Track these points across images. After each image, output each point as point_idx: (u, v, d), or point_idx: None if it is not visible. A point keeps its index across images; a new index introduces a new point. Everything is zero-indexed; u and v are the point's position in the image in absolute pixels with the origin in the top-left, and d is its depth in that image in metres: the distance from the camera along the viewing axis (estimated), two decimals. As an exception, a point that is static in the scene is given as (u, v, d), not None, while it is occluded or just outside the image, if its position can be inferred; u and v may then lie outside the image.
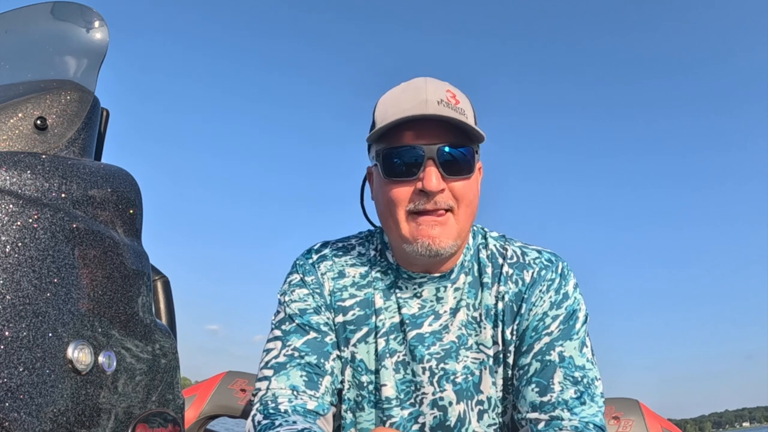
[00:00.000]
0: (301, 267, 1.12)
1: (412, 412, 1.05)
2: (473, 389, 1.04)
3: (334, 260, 1.12)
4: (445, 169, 0.95)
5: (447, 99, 0.96)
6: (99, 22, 1.08)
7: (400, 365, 1.06)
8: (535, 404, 0.97)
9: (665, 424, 1.70)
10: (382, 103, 1.02)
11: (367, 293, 1.08)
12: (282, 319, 1.06)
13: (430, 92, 0.96)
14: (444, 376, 1.04)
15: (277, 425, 0.89)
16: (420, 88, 0.98)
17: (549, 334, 1.01)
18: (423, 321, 1.05)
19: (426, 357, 1.04)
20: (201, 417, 1.90)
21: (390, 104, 0.99)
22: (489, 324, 1.04)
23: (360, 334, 1.06)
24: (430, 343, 1.04)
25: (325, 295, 1.08)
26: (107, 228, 0.89)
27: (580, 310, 1.04)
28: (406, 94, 0.98)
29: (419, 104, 0.95)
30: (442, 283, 1.05)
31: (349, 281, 1.09)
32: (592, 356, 1.02)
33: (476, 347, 1.05)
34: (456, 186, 0.97)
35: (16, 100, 0.92)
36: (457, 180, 0.97)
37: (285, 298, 1.09)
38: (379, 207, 1.04)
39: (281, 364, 1.01)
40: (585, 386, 0.97)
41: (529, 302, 1.03)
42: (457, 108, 0.96)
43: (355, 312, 1.07)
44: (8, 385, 0.69)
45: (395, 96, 1.00)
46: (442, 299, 1.06)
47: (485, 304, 1.05)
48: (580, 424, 0.93)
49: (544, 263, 1.07)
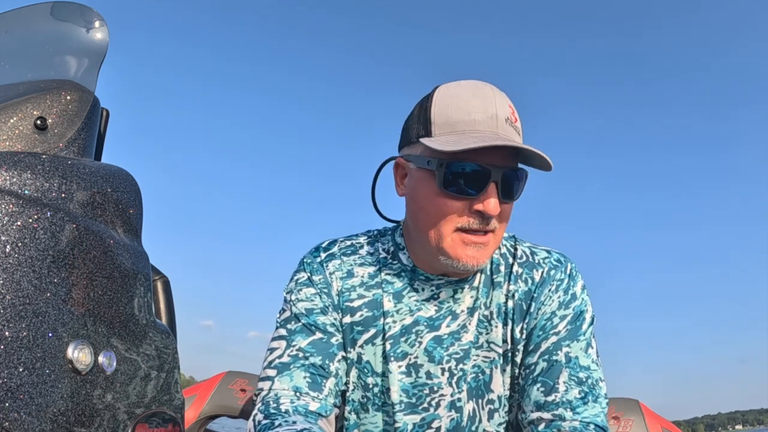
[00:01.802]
0: (309, 265, 1.09)
1: (425, 417, 1.03)
2: (484, 388, 1.04)
3: (343, 259, 1.10)
4: (503, 192, 0.93)
5: (510, 116, 0.93)
6: (99, 22, 1.08)
7: (411, 368, 1.04)
8: (539, 403, 0.97)
9: (665, 424, 1.70)
10: (443, 101, 0.95)
11: (376, 294, 1.07)
12: (288, 318, 1.05)
13: (499, 107, 0.93)
14: (462, 376, 1.03)
15: (277, 425, 0.88)
16: (489, 99, 0.93)
17: (556, 333, 1.01)
18: (441, 323, 1.04)
19: (445, 358, 1.03)
20: (201, 417, 1.90)
21: (455, 107, 0.94)
22: (500, 322, 1.04)
23: (367, 336, 1.05)
24: (448, 344, 1.04)
25: (332, 295, 1.06)
26: (107, 228, 0.89)
27: (587, 311, 1.04)
28: (474, 102, 0.93)
29: (489, 120, 0.91)
30: (460, 285, 1.05)
31: (358, 281, 1.08)
32: (597, 357, 1.02)
33: (487, 346, 1.04)
34: (505, 208, 0.96)
35: (16, 100, 0.92)
36: (508, 203, 0.96)
37: (291, 297, 1.07)
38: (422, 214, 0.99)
39: (285, 364, 0.99)
40: (589, 387, 0.97)
41: (539, 301, 1.03)
42: (516, 127, 0.94)
43: (363, 313, 1.06)
44: (8, 385, 0.69)
45: (462, 98, 0.94)
46: (459, 299, 1.05)
47: (496, 302, 1.05)
48: (581, 425, 0.93)
49: (553, 263, 1.07)
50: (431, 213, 0.97)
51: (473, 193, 0.93)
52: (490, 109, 0.92)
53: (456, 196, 0.94)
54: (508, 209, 0.97)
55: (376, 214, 1.14)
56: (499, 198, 0.93)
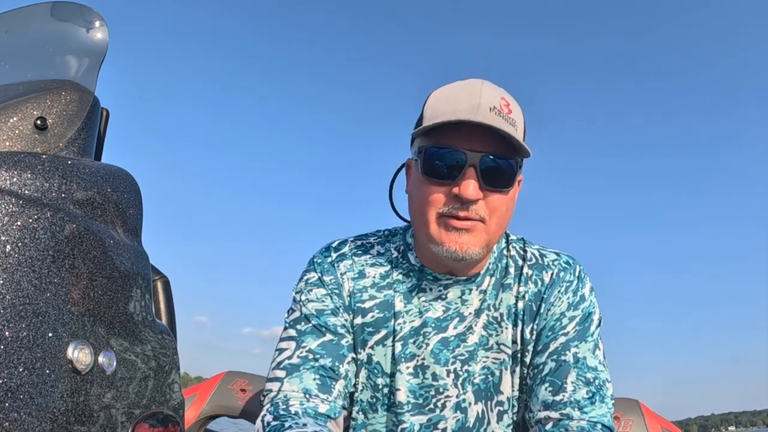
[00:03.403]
0: (320, 265, 1.08)
1: (432, 418, 1.03)
2: (493, 390, 1.04)
3: (354, 260, 1.09)
4: (484, 178, 0.93)
5: (500, 107, 0.93)
6: (99, 22, 1.08)
7: (418, 370, 1.04)
8: (547, 403, 0.98)
9: (665, 425, 1.70)
10: (434, 98, 0.98)
11: (387, 295, 1.06)
12: (297, 318, 1.04)
13: (485, 96, 0.93)
14: (467, 378, 1.04)
15: (287, 427, 0.88)
16: (475, 90, 0.94)
17: (565, 334, 1.01)
18: (448, 324, 1.04)
19: (451, 360, 1.03)
20: (201, 417, 1.90)
21: (442, 101, 0.96)
22: (510, 324, 1.05)
23: (378, 337, 1.05)
24: (454, 346, 1.04)
25: (344, 296, 1.06)
26: (107, 228, 0.89)
27: (595, 313, 1.05)
28: (460, 94, 0.95)
29: (471, 107, 0.92)
30: (468, 286, 1.05)
31: (369, 282, 1.07)
32: (603, 359, 1.03)
33: (497, 347, 1.05)
34: (492, 198, 0.95)
35: (16, 100, 0.92)
36: (494, 192, 0.94)
37: (301, 297, 1.05)
38: (413, 203, 1.02)
39: (295, 365, 0.98)
40: (597, 387, 0.98)
41: (548, 302, 1.04)
42: (508, 118, 0.93)
43: (374, 314, 1.05)
44: (8, 385, 0.69)
45: (449, 93, 0.97)
46: (467, 301, 1.05)
47: (506, 304, 1.05)
48: (589, 424, 0.94)
49: (562, 265, 1.08)
50: (418, 200, 0.99)
51: (453, 176, 0.93)
52: (474, 98, 0.93)
53: (436, 182, 0.95)
54: (496, 199, 0.95)
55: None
56: (481, 184, 0.93)
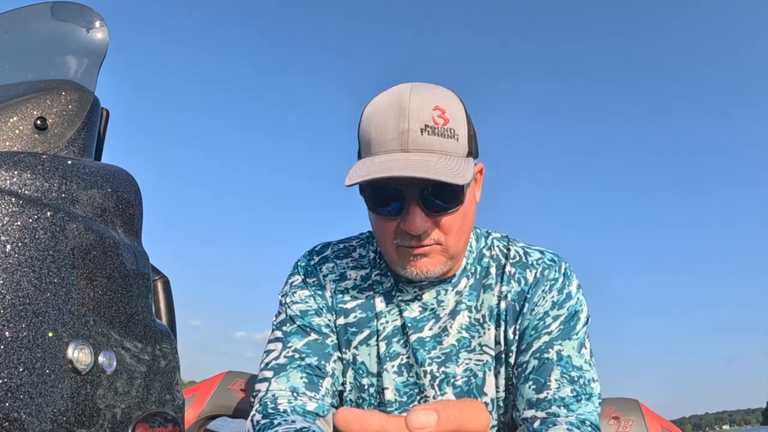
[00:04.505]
0: (303, 268, 1.12)
1: None
2: (476, 391, 1.04)
3: (336, 262, 1.11)
4: (428, 207, 0.91)
5: (434, 120, 0.88)
6: (99, 22, 1.08)
7: (403, 368, 1.05)
8: (531, 401, 0.97)
9: (665, 425, 1.69)
10: (366, 119, 0.94)
11: (369, 296, 1.08)
12: (283, 320, 1.06)
13: (414, 113, 0.88)
14: (445, 379, 1.04)
15: (276, 425, 0.89)
16: (403, 108, 0.89)
17: (549, 333, 1.01)
18: (424, 325, 1.05)
19: (427, 361, 1.04)
20: (201, 417, 1.90)
21: (374, 125, 0.91)
22: (492, 324, 1.04)
23: (361, 337, 1.06)
24: (430, 347, 1.04)
25: (327, 297, 1.08)
26: (107, 228, 0.89)
27: (581, 311, 1.04)
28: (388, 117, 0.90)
29: (401, 135, 0.88)
30: (443, 287, 1.05)
31: (351, 284, 1.09)
32: (590, 358, 1.01)
33: (479, 349, 1.04)
34: (443, 221, 0.93)
35: (16, 100, 0.92)
36: (442, 215, 0.93)
37: (286, 300, 1.08)
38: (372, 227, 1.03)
39: (282, 365, 1.01)
40: (581, 386, 0.97)
41: (532, 302, 1.03)
42: (445, 130, 0.89)
43: (357, 315, 1.07)
44: (8, 385, 0.69)
45: (379, 113, 0.92)
46: (442, 302, 1.05)
47: (488, 305, 1.05)
48: (577, 420, 0.94)
49: (547, 263, 1.06)
50: (374, 228, 1.00)
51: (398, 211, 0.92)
52: (402, 123, 0.88)
53: (384, 218, 0.95)
54: (448, 220, 0.93)
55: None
56: (426, 212, 0.91)
